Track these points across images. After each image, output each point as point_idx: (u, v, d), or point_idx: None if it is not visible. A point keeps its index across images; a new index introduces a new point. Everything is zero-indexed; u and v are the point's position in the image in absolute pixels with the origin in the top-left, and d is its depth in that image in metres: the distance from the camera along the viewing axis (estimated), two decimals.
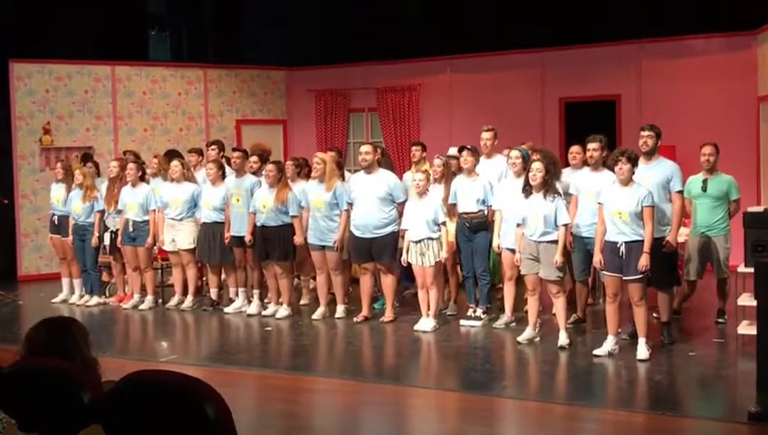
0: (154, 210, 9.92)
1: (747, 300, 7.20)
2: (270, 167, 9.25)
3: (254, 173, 9.76)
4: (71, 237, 10.30)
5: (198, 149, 11.08)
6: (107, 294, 10.58)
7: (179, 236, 9.88)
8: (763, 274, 6.19)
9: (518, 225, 7.83)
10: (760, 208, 7.96)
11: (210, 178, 9.76)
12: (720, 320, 8.41)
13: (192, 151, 10.93)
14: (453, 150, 9.68)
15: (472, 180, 8.66)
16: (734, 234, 8.21)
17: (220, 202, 9.67)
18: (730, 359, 7.43)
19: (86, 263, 10.32)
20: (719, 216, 8.20)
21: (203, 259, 9.98)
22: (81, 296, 10.48)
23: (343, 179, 9.46)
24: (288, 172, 9.46)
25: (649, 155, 7.67)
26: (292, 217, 9.13)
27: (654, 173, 7.55)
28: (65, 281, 10.70)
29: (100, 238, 10.18)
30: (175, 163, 10.00)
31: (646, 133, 7.73)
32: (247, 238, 9.34)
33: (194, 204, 9.87)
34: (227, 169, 10.08)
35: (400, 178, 9.40)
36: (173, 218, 9.88)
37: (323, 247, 9.11)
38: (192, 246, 9.87)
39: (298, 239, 9.16)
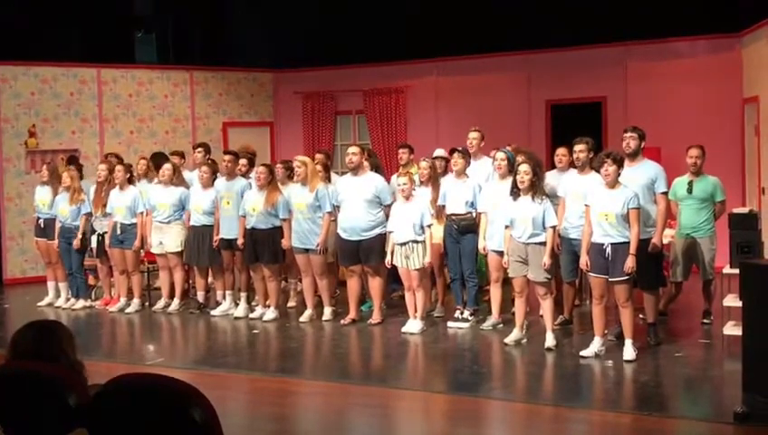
0: (142, 213, 9.90)
1: (732, 301, 7.23)
2: (261, 169, 9.23)
3: (242, 175, 9.75)
4: (57, 240, 10.26)
5: (181, 152, 11.06)
6: (93, 297, 10.53)
7: (167, 239, 9.85)
8: (748, 275, 6.23)
9: (506, 226, 7.84)
10: (745, 210, 8.01)
11: (202, 182, 9.73)
12: (706, 321, 8.45)
13: (174, 154, 10.91)
14: (439, 152, 9.71)
15: (462, 182, 8.68)
16: (719, 235, 8.25)
17: (210, 205, 9.64)
18: (716, 360, 7.46)
19: (72, 266, 10.28)
20: (704, 217, 8.24)
21: (191, 262, 9.94)
22: (67, 300, 10.44)
23: (329, 182, 9.47)
24: (278, 175, 9.45)
25: (632, 156, 7.70)
26: (283, 220, 9.12)
27: (638, 175, 7.58)
28: (51, 284, 10.65)
29: (88, 241, 10.14)
30: (167, 166, 9.97)
31: (628, 135, 7.77)
32: (240, 241, 9.31)
33: (181, 207, 9.85)
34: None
35: (388, 181, 9.40)
36: (160, 221, 9.85)
37: (307, 251, 9.10)
38: (179, 249, 9.84)
39: (286, 243, 9.14)
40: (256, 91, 14.40)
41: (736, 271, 6.70)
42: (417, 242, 8.42)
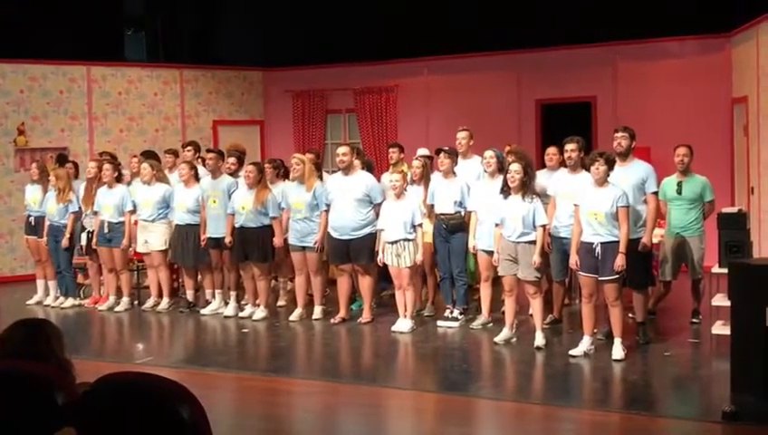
0: (130, 211, 9.87)
1: (721, 300, 7.26)
2: (250, 168, 9.22)
3: (231, 174, 9.73)
4: (45, 238, 10.23)
5: (174, 151, 11.04)
6: (82, 295, 10.50)
7: (152, 238, 9.82)
8: (736, 274, 6.26)
9: (496, 225, 7.86)
10: (734, 209, 8.04)
11: (183, 180, 9.70)
12: (694, 320, 8.48)
13: (168, 152, 10.89)
14: (423, 151, 9.72)
15: (449, 181, 8.68)
16: (708, 235, 8.28)
17: (194, 204, 9.61)
18: (704, 359, 7.49)
19: (60, 264, 10.25)
20: (694, 217, 8.27)
21: (177, 261, 9.92)
22: (56, 298, 10.41)
23: (321, 180, 9.46)
24: (267, 174, 9.43)
25: (623, 156, 7.72)
26: (272, 218, 9.11)
27: (629, 174, 7.60)
28: (40, 283, 10.62)
29: (77, 239, 10.11)
30: (144, 165, 9.94)
31: (620, 134, 7.79)
32: (227, 240, 9.30)
33: (166, 205, 9.80)
34: (202, 169, 10.03)
35: (378, 180, 9.39)
36: (145, 220, 9.82)
37: (304, 249, 9.09)
38: (164, 248, 9.81)
39: (278, 241, 9.13)
40: (246, 89, 14.38)
41: (725, 271, 6.72)
42: (407, 240, 8.42)
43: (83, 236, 10.13)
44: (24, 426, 2.68)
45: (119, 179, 10.05)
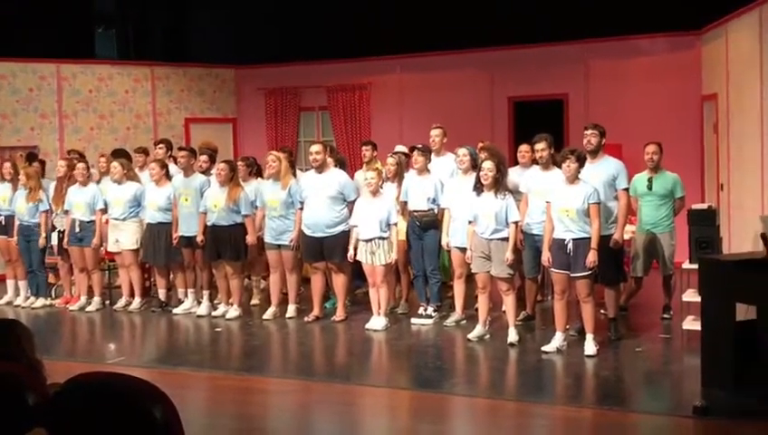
0: (101, 210, 9.78)
1: (692, 296, 7.33)
2: (222, 166, 9.18)
3: (203, 172, 9.68)
4: (15, 238, 10.13)
5: (144, 149, 10.95)
6: (53, 295, 10.41)
7: (123, 237, 9.74)
8: (706, 270, 6.32)
9: (470, 222, 7.88)
10: (704, 206, 8.12)
11: (154, 179, 9.63)
12: (666, 316, 8.55)
13: (138, 151, 10.81)
14: (400, 148, 9.73)
15: (423, 178, 8.70)
16: (679, 231, 8.35)
17: (165, 202, 9.54)
18: (675, 354, 7.55)
19: (32, 263, 10.15)
20: (664, 213, 8.33)
21: (148, 260, 9.86)
22: (27, 298, 10.31)
23: (295, 177, 9.44)
24: (240, 173, 9.40)
25: (594, 153, 7.76)
26: (245, 216, 9.08)
27: (599, 171, 7.65)
28: (10, 283, 10.51)
29: (48, 238, 10.02)
30: (114, 164, 9.85)
31: (589, 132, 7.83)
32: (199, 239, 9.24)
33: (137, 204, 9.72)
34: (174, 167, 9.96)
35: (351, 177, 9.38)
36: (116, 219, 9.74)
37: (279, 247, 9.06)
38: (135, 247, 9.73)
39: (250, 239, 9.10)
40: (218, 87, 14.30)
41: (695, 266, 6.79)
42: (382, 238, 8.42)
43: (54, 235, 10.03)
44: None
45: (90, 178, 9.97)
